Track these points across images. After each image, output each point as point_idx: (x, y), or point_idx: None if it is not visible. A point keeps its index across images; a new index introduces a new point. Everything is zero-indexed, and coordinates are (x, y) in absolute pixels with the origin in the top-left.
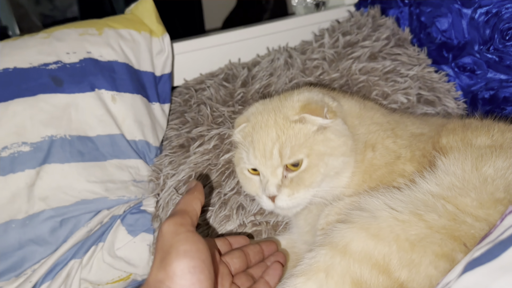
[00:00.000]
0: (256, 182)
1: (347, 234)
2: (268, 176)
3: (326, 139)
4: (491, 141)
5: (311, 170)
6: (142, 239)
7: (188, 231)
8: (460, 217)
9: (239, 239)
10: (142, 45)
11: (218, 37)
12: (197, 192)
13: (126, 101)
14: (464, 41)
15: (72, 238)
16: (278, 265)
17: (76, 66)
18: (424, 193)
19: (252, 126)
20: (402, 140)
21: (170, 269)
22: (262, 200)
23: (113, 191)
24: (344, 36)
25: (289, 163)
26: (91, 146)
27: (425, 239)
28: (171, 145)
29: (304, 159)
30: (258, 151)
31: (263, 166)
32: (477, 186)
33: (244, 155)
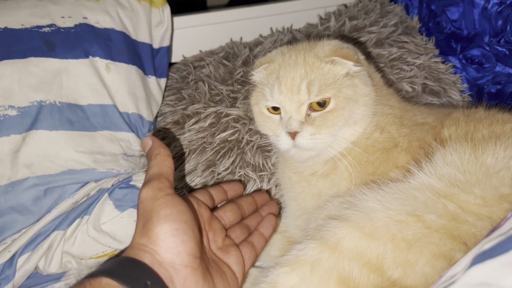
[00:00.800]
0: (275, 120)
1: (340, 231)
2: (292, 112)
3: (353, 84)
4: (491, 132)
5: (336, 112)
6: (129, 215)
7: (167, 195)
8: (461, 217)
9: (234, 186)
10: (141, 15)
11: (220, 14)
12: (162, 149)
13: (121, 71)
14: (474, 32)
15: (56, 209)
16: (271, 217)
17: (70, 31)
18: (424, 189)
19: (279, 63)
20: (404, 129)
21: (153, 234)
22: (279, 139)
23: (102, 163)
24: (350, 21)
25: (315, 100)
26: (82, 115)
27: (423, 239)
28: (165, 121)
29: (331, 99)
30: (285, 86)
31: (288, 101)
32: (481, 179)
33: (267, 92)
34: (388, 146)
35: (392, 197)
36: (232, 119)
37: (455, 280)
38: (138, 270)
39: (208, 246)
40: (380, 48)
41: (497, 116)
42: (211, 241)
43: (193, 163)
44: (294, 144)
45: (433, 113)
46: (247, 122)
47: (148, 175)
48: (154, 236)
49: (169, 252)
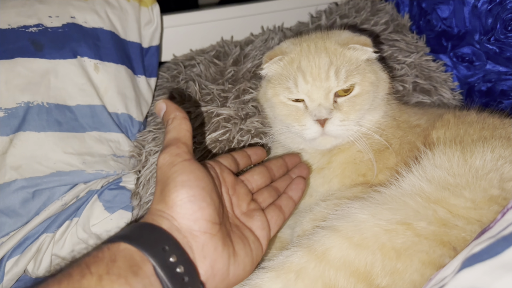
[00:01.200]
0: (299, 109)
1: (328, 241)
2: (321, 99)
3: (374, 70)
4: (480, 137)
5: (362, 96)
6: (119, 217)
7: (185, 161)
8: (451, 222)
9: (256, 150)
10: (130, 14)
11: (211, 13)
12: (178, 112)
13: (110, 71)
14: (465, 30)
15: (45, 211)
16: (300, 180)
17: (58, 30)
18: (415, 194)
19: (297, 53)
20: (399, 131)
21: (170, 200)
22: (306, 128)
23: (91, 164)
24: (341, 19)
25: (344, 87)
26: (70, 116)
27: (412, 247)
28: (155, 121)
29: (357, 84)
30: (310, 75)
31: (316, 89)
32: (470, 181)
33: (290, 83)
34: (381, 147)
35: (383, 207)
36: (223, 118)
37: (445, 284)
38: (156, 235)
39: (232, 211)
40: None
41: (488, 121)
42: (235, 206)
43: None
44: (323, 131)
45: (426, 115)
46: (238, 122)
47: (165, 141)
48: (171, 203)
49: (187, 218)
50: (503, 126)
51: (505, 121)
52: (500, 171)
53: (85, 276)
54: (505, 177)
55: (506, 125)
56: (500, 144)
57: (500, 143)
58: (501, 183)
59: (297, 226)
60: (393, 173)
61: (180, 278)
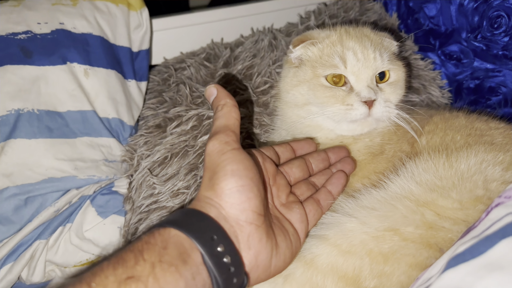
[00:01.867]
0: (343, 91)
1: (317, 250)
2: (367, 80)
3: (398, 64)
4: (466, 143)
5: (397, 84)
6: (112, 221)
7: (234, 149)
8: (438, 224)
9: (304, 144)
10: (119, 19)
11: (200, 15)
12: (229, 99)
13: (100, 76)
14: (452, 28)
15: (38, 218)
16: (341, 174)
17: (47, 37)
18: (404, 198)
19: (338, 36)
20: (394, 137)
21: (219, 188)
22: (352, 108)
23: (83, 170)
24: (330, 19)
25: (387, 68)
26: (61, 122)
27: (399, 251)
28: (147, 124)
29: (392, 70)
30: (361, 53)
31: (365, 69)
32: (456, 183)
33: (337, 61)
34: (376, 152)
35: (371, 214)
36: None
37: (430, 284)
38: (205, 223)
39: (272, 201)
40: None
41: (476, 125)
42: (274, 197)
43: (175, 167)
44: (370, 113)
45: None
46: None
47: (214, 127)
48: (219, 191)
49: (234, 208)
50: (489, 131)
51: (491, 125)
52: (484, 173)
53: (138, 263)
54: (489, 179)
55: (492, 129)
56: (483, 149)
57: (483, 148)
58: (485, 184)
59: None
60: (379, 178)
61: (226, 268)
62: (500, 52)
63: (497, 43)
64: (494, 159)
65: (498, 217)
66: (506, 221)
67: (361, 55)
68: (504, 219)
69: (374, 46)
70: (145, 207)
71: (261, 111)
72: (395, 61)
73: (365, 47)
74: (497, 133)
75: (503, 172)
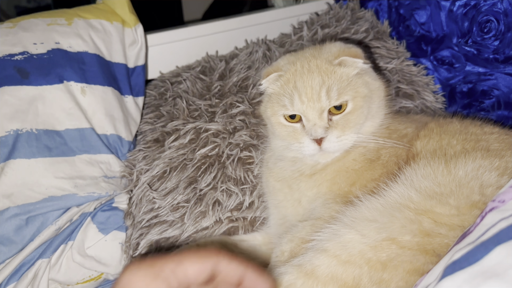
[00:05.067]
0: (297, 129)
1: (317, 261)
2: (315, 119)
3: (366, 82)
4: (463, 149)
5: (356, 112)
6: (113, 238)
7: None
8: (435, 231)
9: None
10: (114, 36)
11: (195, 29)
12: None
13: (97, 94)
14: (443, 33)
15: (40, 237)
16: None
17: (43, 57)
18: (404, 207)
19: (292, 73)
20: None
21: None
22: (304, 146)
23: (83, 187)
24: (323, 29)
25: (336, 104)
26: (59, 141)
27: (397, 259)
28: (145, 139)
29: (350, 101)
30: (305, 95)
31: (310, 110)
32: (454, 190)
33: (286, 101)
34: (373, 158)
35: (370, 226)
36: (212, 134)
37: None
38: None
39: None
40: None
41: (471, 130)
42: None
43: (174, 181)
44: (320, 149)
45: (413, 123)
46: (227, 136)
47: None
48: None
49: None
50: (484, 135)
51: (485, 129)
52: (481, 179)
53: None
54: (485, 184)
55: (487, 134)
56: (480, 155)
57: (480, 154)
58: (481, 189)
59: (276, 248)
60: (376, 185)
61: None
62: (491, 56)
63: (488, 47)
64: (491, 165)
65: (492, 223)
66: (501, 227)
67: (305, 97)
68: (498, 224)
69: (322, 83)
70: (146, 222)
71: (257, 122)
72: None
73: (311, 87)
74: (492, 138)
75: (499, 177)
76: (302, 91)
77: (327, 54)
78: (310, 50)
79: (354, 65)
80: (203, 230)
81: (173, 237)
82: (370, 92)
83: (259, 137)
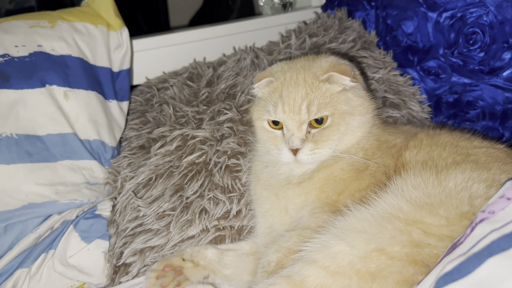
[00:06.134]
0: (277, 136)
1: (306, 272)
2: (294, 130)
3: (347, 99)
4: (454, 161)
5: (332, 127)
6: (96, 246)
7: None
8: (424, 242)
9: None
10: (99, 39)
11: (182, 35)
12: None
13: (80, 98)
14: (429, 44)
15: (19, 246)
16: None
17: (25, 60)
18: (394, 218)
19: (281, 82)
20: (379, 152)
21: None
22: (281, 153)
23: (64, 194)
24: (310, 38)
25: (314, 118)
26: (41, 146)
27: (386, 269)
28: (130, 146)
29: (329, 116)
30: (288, 106)
31: (290, 120)
32: (443, 200)
33: (270, 108)
34: (361, 168)
35: (359, 237)
36: (199, 141)
37: None
38: None
39: None
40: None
41: (461, 144)
42: None
43: (160, 188)
44: (296, 159)
45: (402, 134)
46: (214, 143)
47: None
48: None
49: None
50: (474, 149)
51: (475, 143)
52: (470, 190)
53: None
54: (474, 195)
55: (476, 148)
56: (469, 167)
57: (470, 167)
58: (471, 200)
59: (262, 258)
60: (364, 195)
61: None
62: (477, 67)
63: (474, 58)
64: (479, 177)
65: (483, 234)
66: (492, 238)
67: (288, 107)
68: (489, 236)
69: (305, 96)
70: (130, 230)
71: (245, 129)
72: (337, 102)
73: (294, 99)
74: (481, 152)
75: (487, 189)
76: (286, 101)
77: (317, 69)
78: (302, 61)
79: (340, 82)
80: (189, 239)
81: (158, 246)
82: (351, 108)
83: (247, 145)
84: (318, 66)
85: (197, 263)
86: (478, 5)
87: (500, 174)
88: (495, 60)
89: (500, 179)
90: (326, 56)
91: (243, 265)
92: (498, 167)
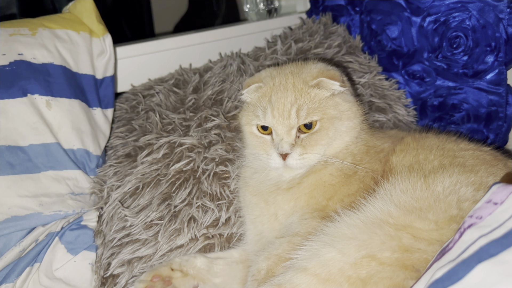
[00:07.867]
0: (266, 141)
1: (297, 280)
2: (283, 135)
3: (336, 103)
4: (441, 165)
5: (320, 132)
6: (83, 258)
7: None
8: (414, 246)
9: None
10: (81, 46)
11: (167, 41)
12: None
13: (63, 107)
14: (414, 48)
15: (2, 260)
16: None
17: (5, 69)
18: (383, 223)
19: (270, 87)
20: (367, 157)
21: None
22: (271, 158)
23: (48, 205)
24: (296, 43)
25: (304, 123)
26: (23, 157)
27: (377, 275)
28: (116, 154)
29: (318, 121)
30: (277, 111)
31: (280, 125)
32: (432, 204)
33: (260, 113)
34: (350, 173)
35: (349, 244)
36: (186, 148)
37: None
38: None
39: None
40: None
41: (448, 146)
42: None
43: (147, 197)
44: (285, 164)
45: (390, 138)
46: (202, 151)
47: None
48: None
49: None
50: (460, 152)
51: (461, 146)
52: (458, 194)
53: None
54: (462, 199)
55: (463, 150)
56: (457, 170)
57: (457, 170)
58: (459, 204)
59: (252, 266)
60: (353, 200)
61: None
62: (461, 70)
63: (457, 62)
64: (467, 180)
65: (472, 240)
66: (480, 244)
67: (277, 112)
68: (478, 242)
69: (294, 101)
70: (117, 240)
71: (233, 135)
72: (326, 107)
73: (283, 104)
74: (468, 154)
75: (475, 192)
76: (275, 106)
77: (306, 74)
78: (291, 67)
79: (329, 87)
80: (178, 248)
81: (146, 256)
82: (340, 113)
83: (235, 151)
84: (307, 71)
85: (186, 272)
86: (460, 9)
87: (487, 176)
88: (479, 63)
89: (488, 182)
90: (315, 62)
91: (233, 274)
92: (485, 170)
